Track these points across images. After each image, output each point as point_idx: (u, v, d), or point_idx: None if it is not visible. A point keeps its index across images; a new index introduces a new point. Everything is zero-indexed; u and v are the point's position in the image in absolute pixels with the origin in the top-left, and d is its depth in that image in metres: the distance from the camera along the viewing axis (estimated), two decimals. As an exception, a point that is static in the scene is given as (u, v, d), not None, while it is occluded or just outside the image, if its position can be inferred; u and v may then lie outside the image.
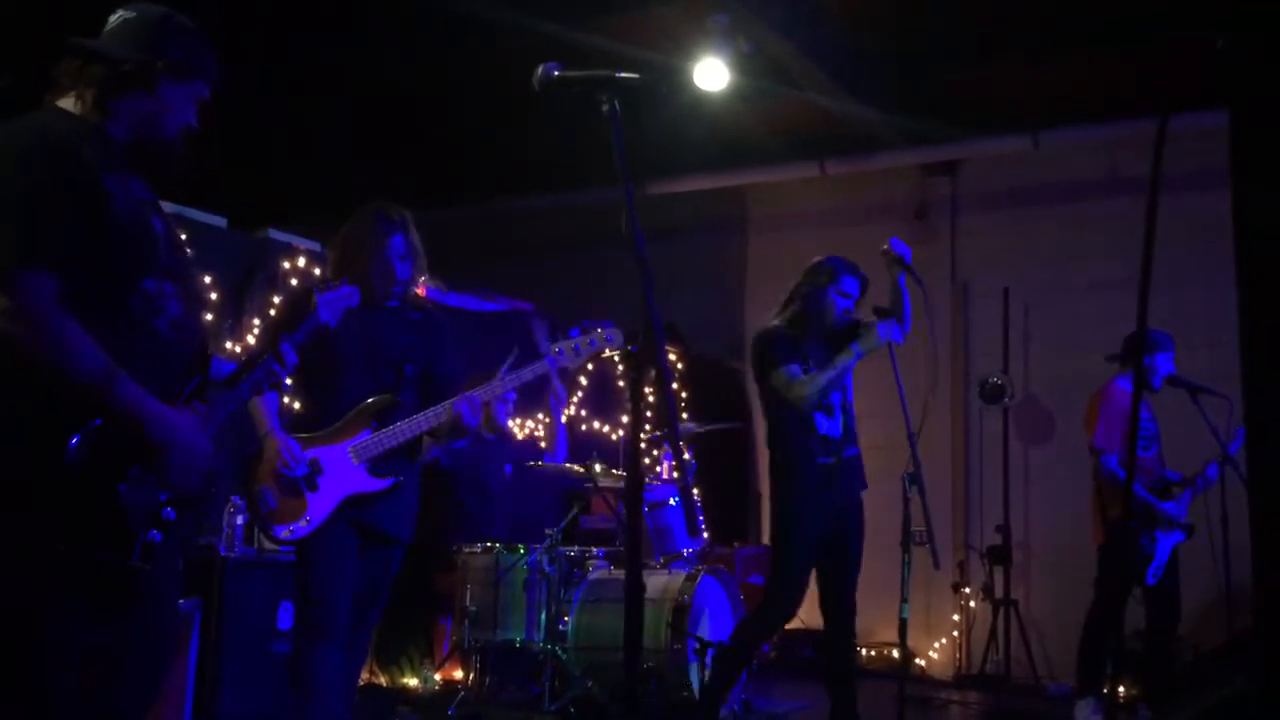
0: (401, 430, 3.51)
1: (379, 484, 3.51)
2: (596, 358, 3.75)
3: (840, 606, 4.50)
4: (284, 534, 3.45)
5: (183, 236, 2.67)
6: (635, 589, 2.26)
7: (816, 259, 4.79)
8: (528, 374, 3.58)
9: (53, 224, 2.26)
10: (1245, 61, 1.49)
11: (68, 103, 2.44)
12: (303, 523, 3.44)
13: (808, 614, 7.88)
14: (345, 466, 3.49)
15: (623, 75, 2.37)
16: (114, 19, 2.51)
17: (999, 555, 7.43)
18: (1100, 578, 5.63)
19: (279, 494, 3.46)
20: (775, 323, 4.67)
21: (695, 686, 5.05)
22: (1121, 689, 5.91)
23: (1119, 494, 5.56)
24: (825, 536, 4.48)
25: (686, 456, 6.55)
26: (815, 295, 4.62)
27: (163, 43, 2.47)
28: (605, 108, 2.36)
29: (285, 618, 4.91)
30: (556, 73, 2.42)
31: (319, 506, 3.47)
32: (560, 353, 3.57)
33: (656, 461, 6.54)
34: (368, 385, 3.54)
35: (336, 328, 3.42)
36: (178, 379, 2.46)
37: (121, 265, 2.37)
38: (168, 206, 2.71)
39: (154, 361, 2.39)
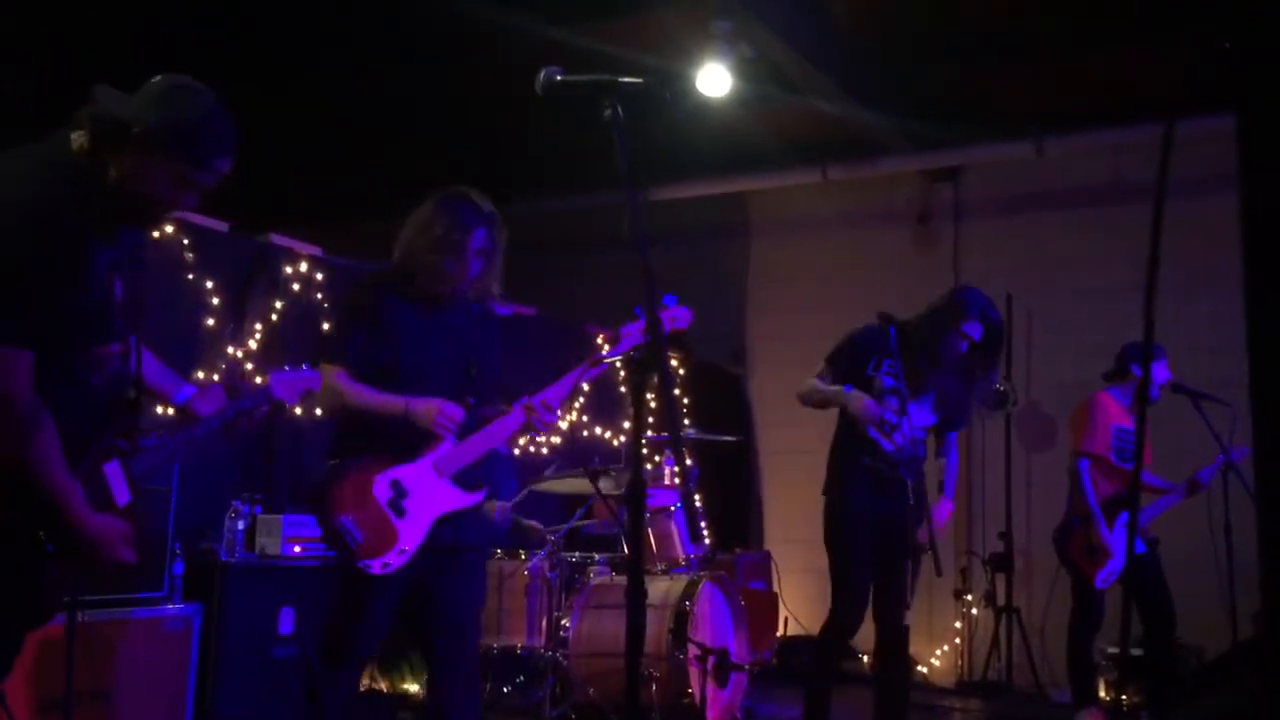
0: (487, 437, 3.30)
1: (472, 498, 3.29)
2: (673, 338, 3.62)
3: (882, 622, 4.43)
4: (380, 569, 3.14)
5: (140, 292, 2.69)
6: (637, 595, 2.25)
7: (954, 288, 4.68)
8: (612, 356, 3.40)
9: (28, 298, 2.30)
10: (1252, 64, 1.48)
11: (78, 136, 2.45)
12: (397, 554, 3.16)
13: (810, 620, 7.88)
14: (430, 483, 3.24)
15: (625, 80, 2.37)
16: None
17: (1001, 562, 7.41)
18: (1071, 584, 5.66)
19: (362, 524, 3.16)
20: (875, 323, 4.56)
21: (695, 693, 5.03)
22: (1124, 697, 5.89)
23: (1077, 497, 5.61)
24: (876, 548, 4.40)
25: (688, 462, 6.54)
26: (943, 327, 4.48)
27: (150, 112, 2.43)
28: (608, 113, 2.35)
29: (285, 622, 4.90)
30: (559, 77, 2.42)
31: (411, 533, 3.20)
32: (633, 333, 3.40)
33: (658, 467, 6.52)
34: (439, 390, 3.28)
35: (403, 331, 3.26)
36: (102, 425, 2.57)
37: (77, 335, 2.45)
38: None
39: (81, 412, 2.48)
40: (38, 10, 5.81)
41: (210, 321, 5.46)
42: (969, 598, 7.62)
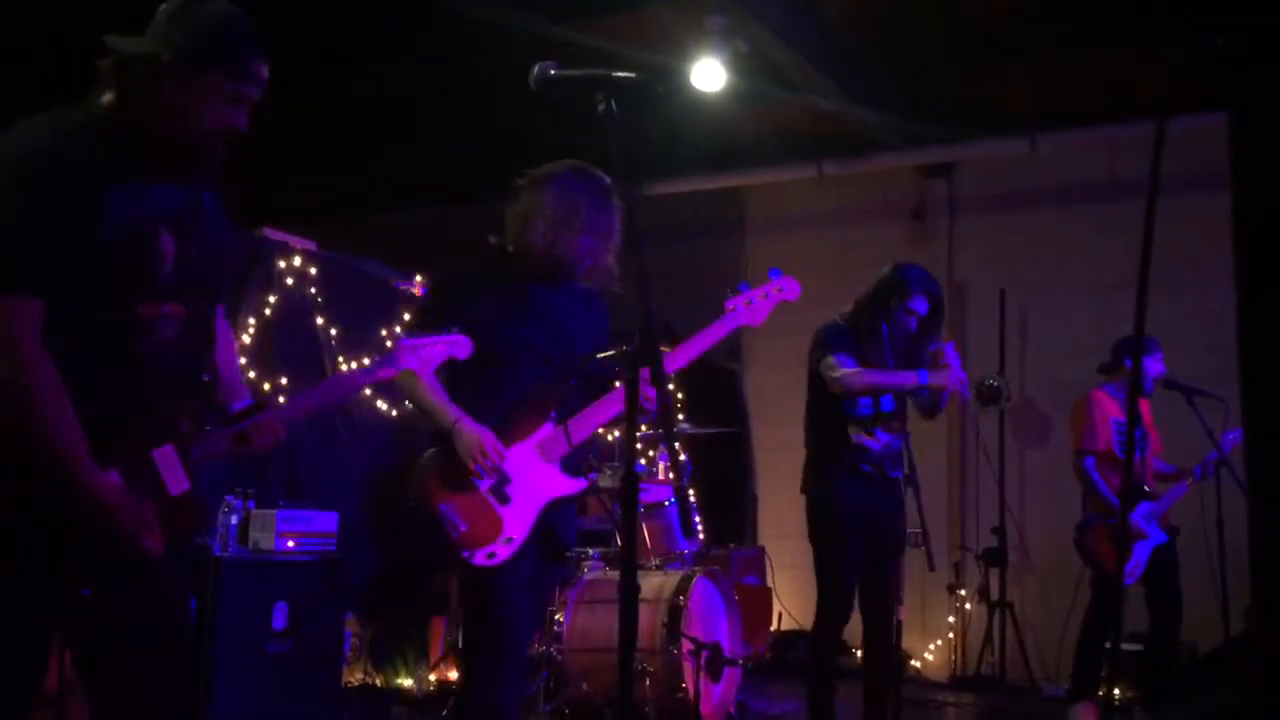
0: (594, 416, 3.14)
1: (577, 484, 3.15)
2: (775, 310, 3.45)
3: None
4: (484, 559, 2.98)
5: (219, 252, 2.46)
6: (631, 590, 2.25)
7: (892, 267, 4.61)
8: (717, 332, 3.29)
9: (40, 244, 2.14)
10: (1245, 63, 1.49)
11: (107, 95, 2.29)
12: (503, 543, 3.01)
13: (804, 615, 7.90)
14: (535, 468, 3.10)
15: (619, 75, 2.36)
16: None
17: (995, 557, 7.42)
18: (1091, 579, 5.67)
19: (464, 511, 3.03)
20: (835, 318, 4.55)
21: (689, 688, 5.04)
22: (1117, 691, 5.91)
23: (1092, 495, 5.60)
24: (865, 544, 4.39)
25: (682, 458, 6.55)
26: (889, 310, 4.46)
27: (171, 33, 2.24)
28: (602, 108, 2.35)
29: (279, 618, 4.90)
30: (553, 72, 2.42)
31: (518, 521, 3.05)
32: (738, 309, 3.32)
33: (652, 462, 6.52)
34: (541, 370, 3.15)
35: (510, 310, 3.12)
36: (154, 400, 2.32)
37: (109, 286, 2.23)
38: None
39: (122, 380, 2.27)
40: (40, 11, 5.80)
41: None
42: (962, 592, 7.64)
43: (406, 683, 5.86)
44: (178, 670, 2.39)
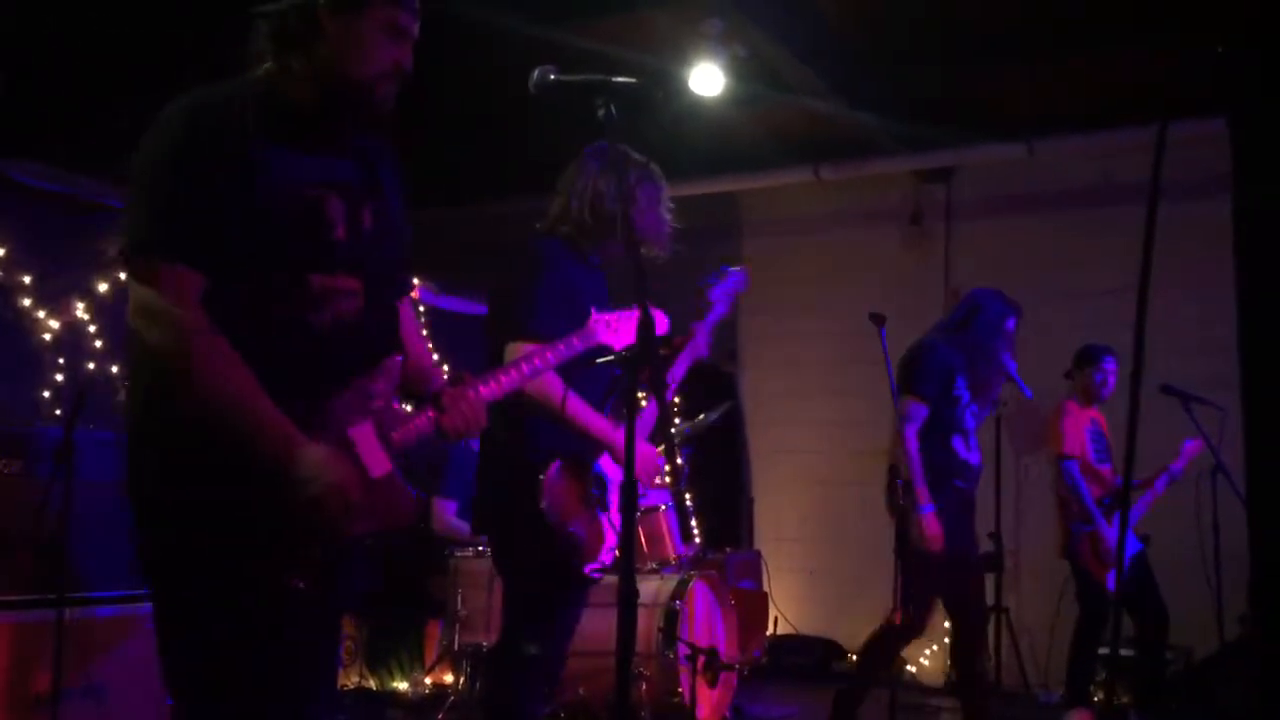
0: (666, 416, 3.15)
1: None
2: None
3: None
4: (594, 572, 2.99)
5: (400, 230, 2.30)
6: (629, 594, 2.24)
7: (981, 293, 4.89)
8: (712, 321, 3.30)
9: (191, 210, 1.99)
10: (1245, 69, 1.48)
11: (265, 67, 2.18)
12: (608, 552, 3.01)
13: (800, 620, 7.89)
14: (618, 473, 3.04)
15: (619, 80, 2.37)
16: None
17: (991, 563, 7.41)
18: (1076, 590, 5.69)
19: (585, 525, 2.99)
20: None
21: (686, 692, 5.03)
22: (1113, 698, 5.91)
23: (1076, 502, 5.64)
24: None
25: (679, 461, 6.53)
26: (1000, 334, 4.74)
27: None
28: (601, 112, 2.35)
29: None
30: (553, 76, 2.41)
31: (612, 529, 3.05)
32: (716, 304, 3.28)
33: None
34: (613, 369, 3.03)
35: (589, 297, 2.96)
36: (341, 382, 2.14)
37: (276, 255, 2.07)
38: None
39: (304, 361, 2.09)
40: (49, 11, 5.79)
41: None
42: (958, 598, 7.63)
43: (402, 686, 5.85)
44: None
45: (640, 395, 2.95)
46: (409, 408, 2.32)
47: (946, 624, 7.59)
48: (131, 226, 2.03)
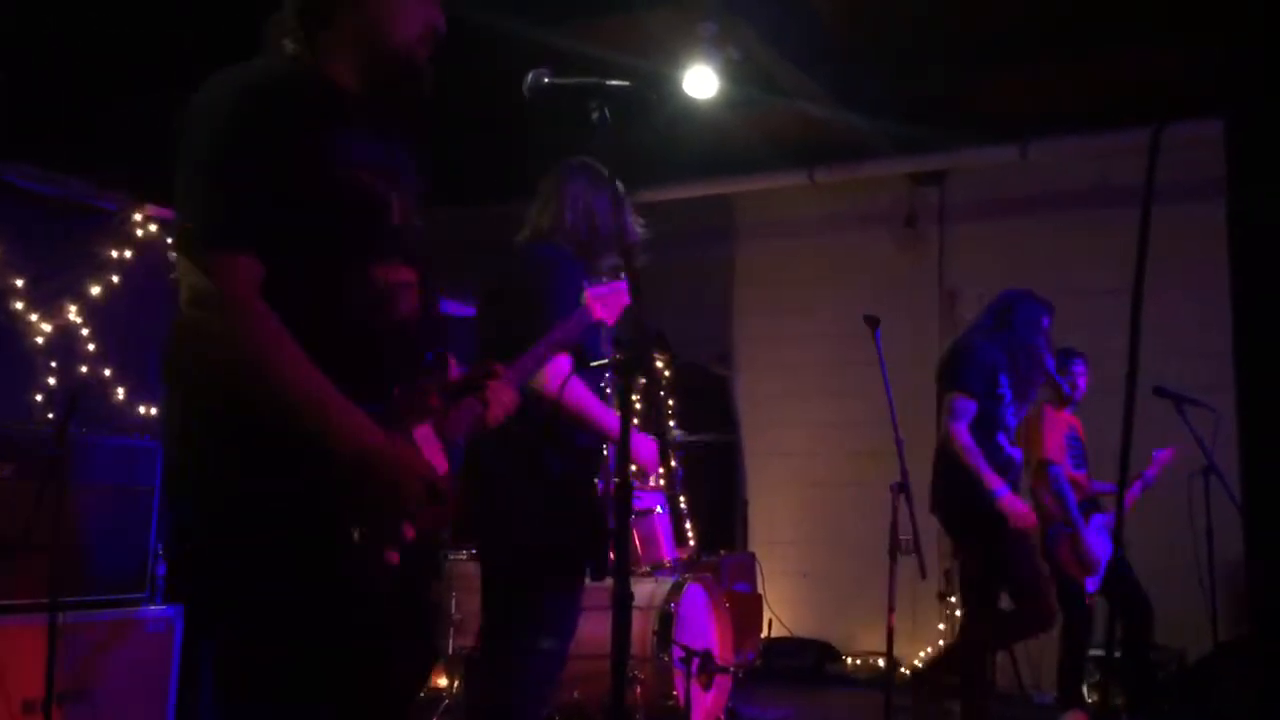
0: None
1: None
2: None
3: None
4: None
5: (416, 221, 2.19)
6: (624, 597, 2.24)
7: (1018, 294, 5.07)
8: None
9: (268, 195, 1.89)
10: (1242, 70, 1.49)
11: (288, 43, 2.09)
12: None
13: (795, 622, 7.89)
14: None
15: (613, 83, 2.37)
16: None
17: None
18: (1056, 592, 5.70)
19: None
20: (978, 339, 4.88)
21: (680, 695, 5.03)
22: (1107, 699, 5.92)
23: (1059, 506, 5.66)
24: None
25: (673, 464, 6.54)
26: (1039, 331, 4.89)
27: None
28: (595, 115, 2.35)
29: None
30: (547, 80, 2.41)
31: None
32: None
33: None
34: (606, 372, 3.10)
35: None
36: (406, 379, 2.08)
37: (337, 244, 1.98)
38: (151, 209, 2.61)
39: (372, 357, 2.02)
40: (42, 12, 5.77)
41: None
42: (953, 599, 7.62)
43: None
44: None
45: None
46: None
47: (941, 625, 7.62)
48: (199, 212, 1.90)
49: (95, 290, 5.06)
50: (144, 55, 5.55)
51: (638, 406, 7.03)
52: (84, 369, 5.02)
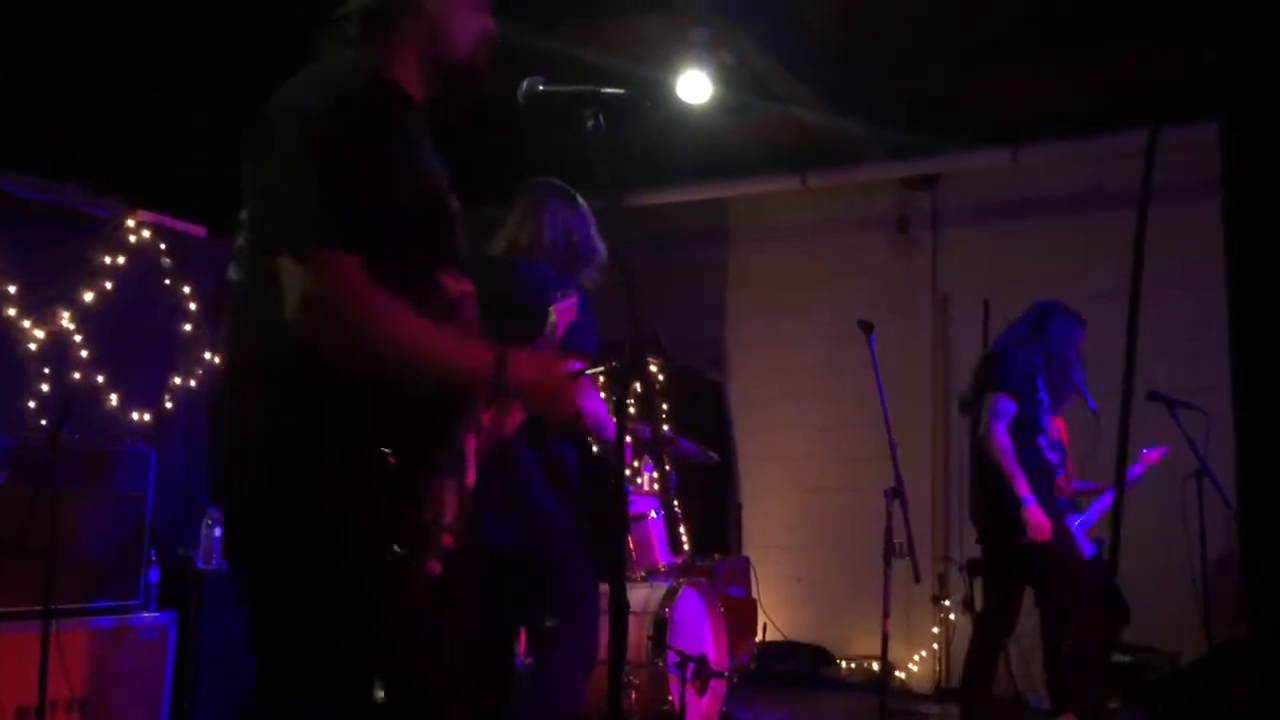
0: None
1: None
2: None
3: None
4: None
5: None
6: (620, 602, 2.24)
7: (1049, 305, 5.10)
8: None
9: (366, 197, 1.89)
10: (1237, 73, 1.49)
11: (347, 53, 2.09)
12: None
13: (789, 627, 7.89)
14: None
15: (607, 91, 2.37)
16: None
17: (979, 568, 7.42)
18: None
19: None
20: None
21: (675, 700, 5.02)
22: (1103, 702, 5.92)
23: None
24: None
25: (667, 468, 6.54)
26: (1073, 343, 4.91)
27: None
28: (590, 123, 2.35)
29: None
30: (541, 87, 2.41)
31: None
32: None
33: (636, 473, 6.51)
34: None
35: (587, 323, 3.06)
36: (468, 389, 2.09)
37: (417, 253, 1.99)
38: (144, 215, 2.59)
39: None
40: (38, 19, 5.77)
41: (188, 327, 5.42)
42: (946, 603, 7.63)
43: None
44: None
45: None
46: None
47: (935, 629, 7.62)
48: (307, 214, 1.88)
49: (88, 297, 5.04)
50: (137, 62, 5.54)
51: (632, 411, 7.04)
52: (77, 375, 5.00)
